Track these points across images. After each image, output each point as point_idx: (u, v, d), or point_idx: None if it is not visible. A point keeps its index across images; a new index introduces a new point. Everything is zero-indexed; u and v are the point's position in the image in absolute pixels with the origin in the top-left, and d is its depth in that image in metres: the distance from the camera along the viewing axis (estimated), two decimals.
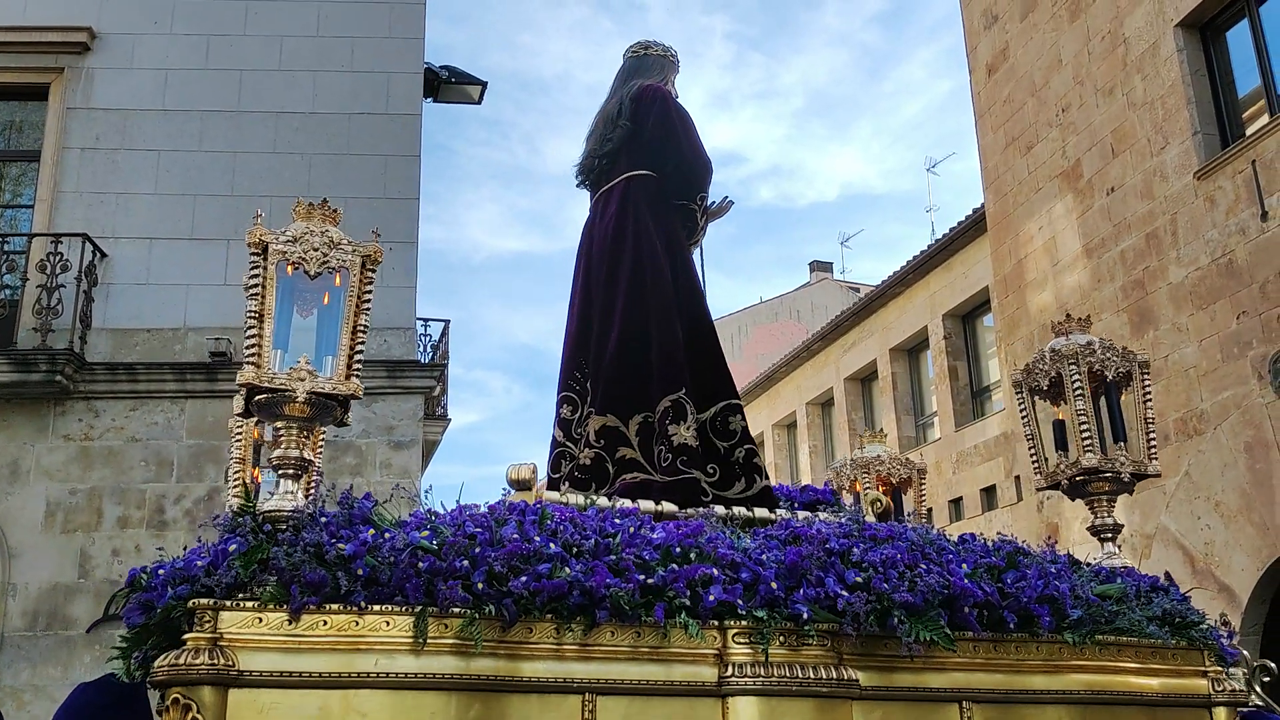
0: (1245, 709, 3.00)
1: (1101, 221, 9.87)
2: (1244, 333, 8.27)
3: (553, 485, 3.45)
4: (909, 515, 3.84)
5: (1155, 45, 9.36)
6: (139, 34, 9.07)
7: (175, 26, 9.14)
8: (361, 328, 2.58)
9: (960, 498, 12.56)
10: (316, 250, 2.54)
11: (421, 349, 10.05)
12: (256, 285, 2.52)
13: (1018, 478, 11.24)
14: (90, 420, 8.19)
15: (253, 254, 2.52)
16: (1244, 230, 8.34)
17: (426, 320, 10.41)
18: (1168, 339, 8.95)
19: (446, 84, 10.08)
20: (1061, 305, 10.30)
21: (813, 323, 21.68)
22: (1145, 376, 3.31)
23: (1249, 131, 8.64)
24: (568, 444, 3.59)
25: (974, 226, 12.51)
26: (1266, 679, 3.26)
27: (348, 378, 2.55)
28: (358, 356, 2.58)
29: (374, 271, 2.62)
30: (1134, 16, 9.62)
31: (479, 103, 10.40)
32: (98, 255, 8.37)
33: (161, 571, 2.45)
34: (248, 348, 2.49)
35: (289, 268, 2.53)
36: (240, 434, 3.45)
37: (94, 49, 8.97)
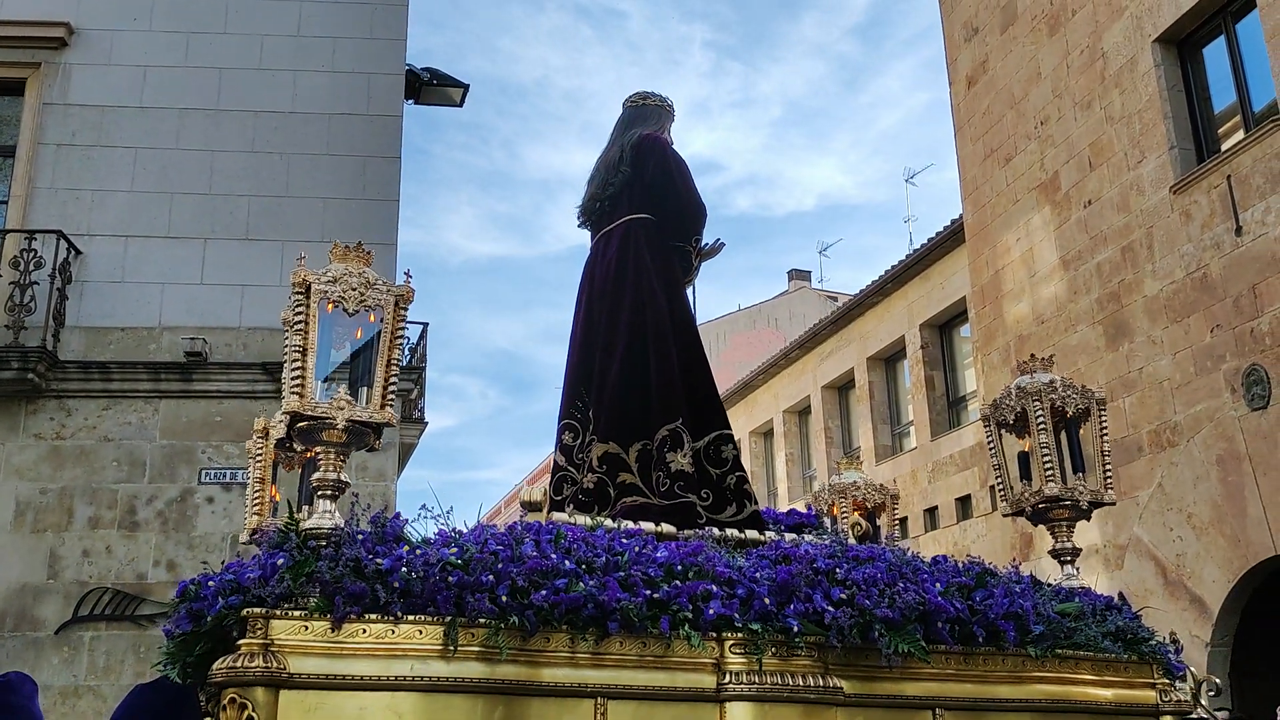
0: None
1: (1078, 234, 9.94)
2: (1217, 346, 8.34)
3: (556, 507, 3.68)
4: (887, 539, 4.13)
5: (1133, 60, 9.43)
6: (117, 30, 9.02)
7: (154, 23, 9.09)
8: (395, 361, 2.79)
9: (935, 507, 12.53)
10: (355, 290, 2.78)
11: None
12: (301, 321, 2.72)
13: (993, 487, 11.15)
14: (62, 419, 8.13)
15: (296, 293, 2.73)
16: (1219, 244, 8.42)
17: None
18: (1142, 351, 9.00)
19: (428, 86, 10.11)
20: (1038, 316, 10.32)
21: (790, 331, 21.74)
22: (1103, 413, 3.62)
23: (1224, 147, 8.72)
24: (569, 469, 3.84)
25: (952, 237, 12.54)
26: (1212, 693, 3.57)
27: (382, 407, 2.79)
28: (391, 387, 2.80)
29: (405, 310, 2.84)
30: (1112, 31, 9.70)
31: (460, 105, 10.45)
32: (72, 252, 8.31)
33: (211, 583, 2.67)
34: (293, 378, 2.72)
35: (329, 305, 2.75)
36: (260, 455, 3.62)
37: (71, 44, 8.91)
